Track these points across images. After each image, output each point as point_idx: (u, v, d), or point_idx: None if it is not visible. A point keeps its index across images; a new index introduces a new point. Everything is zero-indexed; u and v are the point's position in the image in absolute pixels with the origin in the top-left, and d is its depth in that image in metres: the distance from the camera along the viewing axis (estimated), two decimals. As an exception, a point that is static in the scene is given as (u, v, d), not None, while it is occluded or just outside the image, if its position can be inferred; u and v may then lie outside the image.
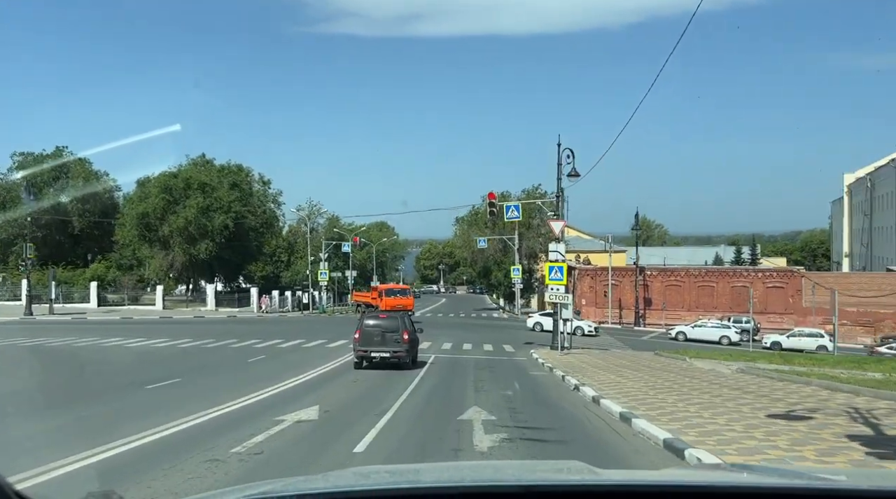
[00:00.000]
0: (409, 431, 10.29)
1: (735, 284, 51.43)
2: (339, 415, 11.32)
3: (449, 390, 15.38)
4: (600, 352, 29.84)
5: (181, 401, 12.58)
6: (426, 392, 14.78)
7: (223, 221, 58.55)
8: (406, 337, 19.40)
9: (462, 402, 13.01)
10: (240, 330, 36.67)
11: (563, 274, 28.59)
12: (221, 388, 14.91)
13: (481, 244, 58.78)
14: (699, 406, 11.64)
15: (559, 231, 28.76)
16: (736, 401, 12.33)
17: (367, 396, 14.16)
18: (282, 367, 20.28)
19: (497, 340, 34.72)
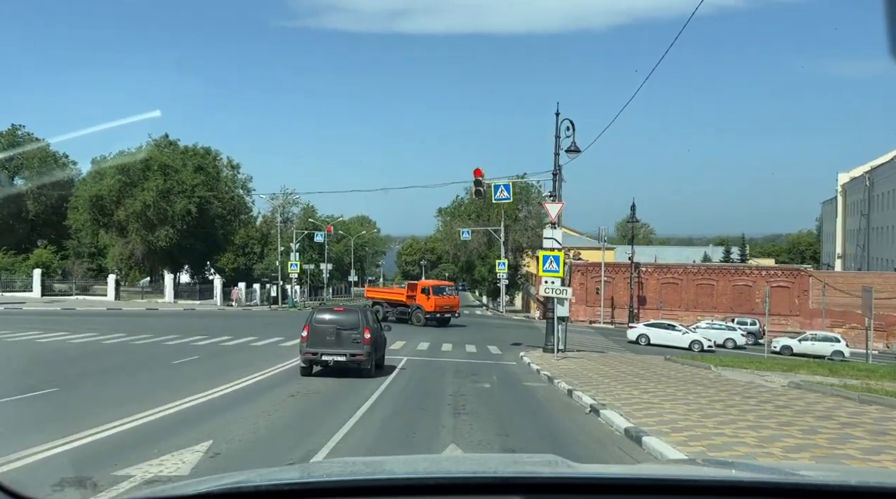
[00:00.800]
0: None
1: (737, 283, 47.82)
2: (234, 461, 7.12)
3: (418, 412, 11.23)
4: (599, 355, 25.88)
5: (19, 426, 8.40)
6: (384, 417, 10.62)
7: (185, 205, 53.87)
8: (367, 336, 15.25)
9: (433, 437, 8.88)
10: (189, 325, 32.30)
11: (560, 264, 24.57)
12: (104, 402, 10.77)
13: (465, 236, 54.64)
14: (804, 452, 7.60)
15: (556, 214, 24.73)
16: (857, 443, 8.21)
17: (299, 421, 10.00)
18: (211, 371, 16.08)
19: (481, 340, 30.65)
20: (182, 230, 54.97)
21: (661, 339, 36.48)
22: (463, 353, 24.57)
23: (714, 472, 2.35)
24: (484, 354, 24.32)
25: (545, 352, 24.55)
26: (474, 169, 25.29)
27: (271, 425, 9.49)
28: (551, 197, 25.15)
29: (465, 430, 9.38)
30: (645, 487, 1.89)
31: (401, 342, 26.93)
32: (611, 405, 11.04)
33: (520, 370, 19.28)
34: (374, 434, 9.18)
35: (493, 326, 40.40)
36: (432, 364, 19.87)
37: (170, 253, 58.16)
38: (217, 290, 55.43)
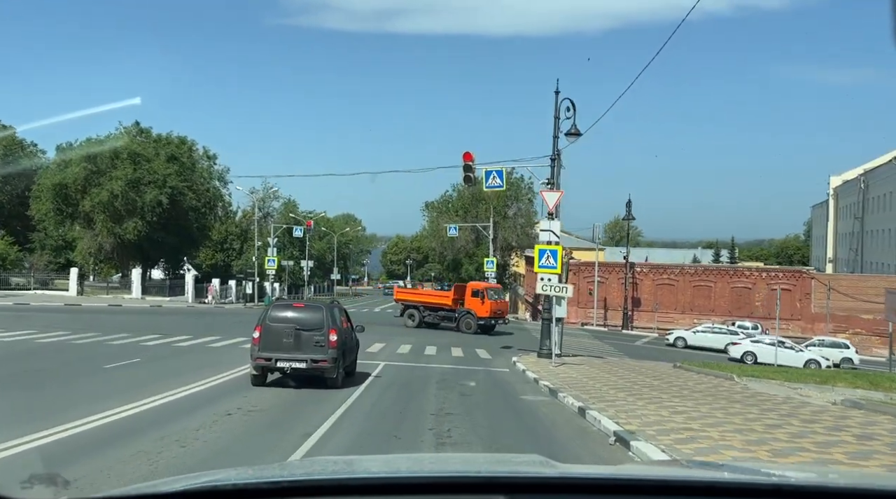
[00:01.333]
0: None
1: (736, 285, 45.54)
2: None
3: (388, 442, 8.54)
4: (601, 361, 23.37)
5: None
6: (342, 448, 7.92)
7: (156, 196, 50.72)
8: (333, 339, 12.56)
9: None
10: (148, 322, 29.45)
11: (558, 260, 22.02)
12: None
13: (452, 232, 51.97)
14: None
15: (554, 204, 22.15)
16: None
17: (221, 454, 7.29)
18: (147, 377, 13.36)
19: (469, 342, 28.04)
20: (152, 223, 51.85)
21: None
22: (449, 357, 21.94)
23: (700, 473, 2.33)
24: (472, 359, 21.71)
25: (540, 357, 22.00)
26: (464, 153, 22.67)
27: (178, 463, 6.77)
28: (549, 184, 22.58)
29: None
30: (630, 487, 1.88)
31: (379, 345, 24.29)
32: (641, 433, 8.45)
33: (514, 379, 16.67)
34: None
35: (481, 328, 37.78)
36: (414, 371, 17.22)
37: (140, 247, 55.03)
38: (189, 286, 52.41)
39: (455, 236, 54.15)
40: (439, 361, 20.11)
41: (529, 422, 10.59)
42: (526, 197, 55.95)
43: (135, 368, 15.15)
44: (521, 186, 55.88)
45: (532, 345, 29.51)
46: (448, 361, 20.40)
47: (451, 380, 15.49)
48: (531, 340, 32.14)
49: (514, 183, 55.77)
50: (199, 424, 8.94)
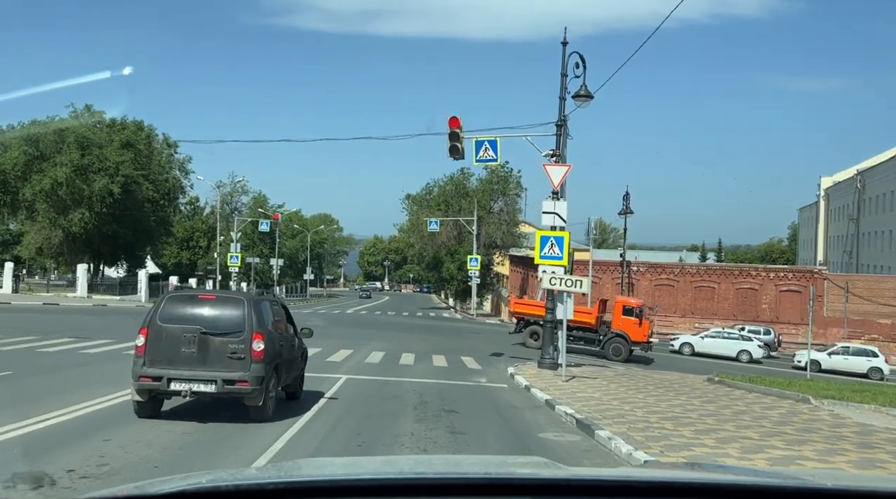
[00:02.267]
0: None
1: (741, 286, 41.95)
2: None
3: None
4: (612, 373, 19.35)
5: None
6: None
7: (105, 185, 45.86)
8: (259, 348, 8.32)
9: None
10: (77, 323, 24.98)
11: (564, 248, 18.02)
12: None
13: (432, 227, 47.77)
14: None
15: (560, 180, 18.11)
16: None
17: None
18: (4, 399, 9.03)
19: (452, 348, 23.91)
20: (102, 214, 47.00)
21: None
22: (430, 368, 17.76)
23: (712, 475, 2.30)
24: (459, 371, 17.54)
25: (542, 368, 17.93)
26: (450, 118, 18.53)
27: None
28: (553, 157, 18.53)
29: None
30: (635, 489, 1.85)
31: (345, 351, 20.07)
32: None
33: (520, 402, 12.53)
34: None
35: (466, 332, 33.68)
36: (384, 389, 13.02)
37: (89, 241, 50.15)
38: (142, 284, 47.61)
39: (436, 232, 49.99)
40: (418, 374, 15.92)
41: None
42: (513, 192, 52.02)
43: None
44: (509, 179, 51.94)
45: (526, 352, 25.48)
46: (429, 374, 16.21)
47: (435, 404, 11.31)
48: (522, 347, 28.10)
49: (503, 177, 51.82)
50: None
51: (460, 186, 52.90)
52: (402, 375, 15.65)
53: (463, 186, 52.80)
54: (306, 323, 34.44)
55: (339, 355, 19.11)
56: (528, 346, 27.23)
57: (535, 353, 25.75)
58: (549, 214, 18.16)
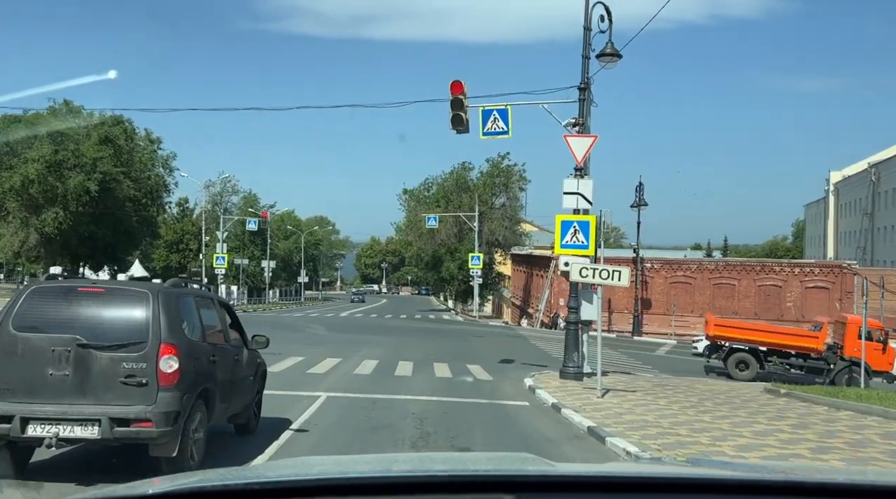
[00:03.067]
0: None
1: (763, 283, 39.02)
2: None
3: None
4: (648, 383, 16.38)
5: None
6: None
7: (81, 182, 42.89)
8: (170, 368, 5.36)
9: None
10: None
11: (590, 235, 15.20)
12: None
13: (431, 223, 44.79)
14: None
15: (584, 154, 15.19)
16: None
17: None
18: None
19: (456, 355, 20.95)
20: (77, 213, 44.01)
21: None
22: (431, 381, 14.80)
23: (705, 471, 2.30)
24: (467, 384, 14.57)
25: (565, 378, 15.02)
26: (451, 82, 15.61)
27: None
28: (576, 127, 15.59)
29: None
30: (628, 485, 1.83)
31: (332, 360, 17.15)
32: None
33: (549, 426, 9.58)
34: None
35: (468, 335, 30.70)
36: (373, 414, 10.05)
37: (66, 243, 47.16)
38: (122, 288, 44.51)
39: (435, 228, 46.98)
40: (417, 389, 12.94)
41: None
42: (516, 185, 49.03)
43: None
44: (511, 172, 48.94)
45: (538, 357, 22.53)
46: (431, 388, 13.24)
47: (441, 436, 8.35)
48: (534, 351, 25.16)
49: (505, 170, 48.84)
50: None
51: (461, 179, 50.00)
52: (398, 390, 12.67)
53: (463, 180, 49.89)
54: (295, 327, 30.74)
55: (324, 365, 16.16)
56: (736, 378, 22.31)
57: (548, 358, 22.84)
58: (571, 194, 15.24)
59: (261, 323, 31.72)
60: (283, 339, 24.00)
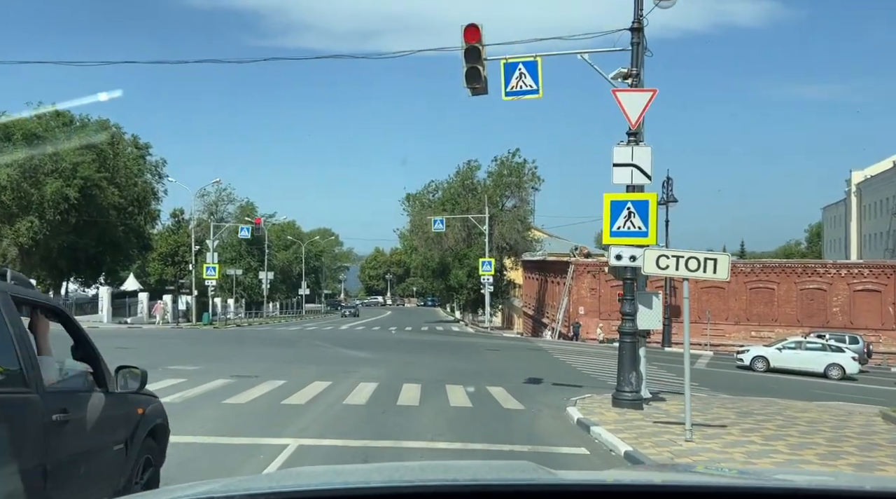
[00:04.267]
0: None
1: (806, 287, 35.37)
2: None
3: None
4: (735, 413, 12.77)
5: None
6: None
7: (59, 189, 39.65)
8: None
9: None
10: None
11: (649, 218, 11.68)
12: None
13: (437, 227, 41.26)
14: None
15: (638, 115, 11.71)
16: None
17: None
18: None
19: (472, 374, 17.42)
20: (55, 222, 40.73)
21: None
22: (445, 410, 11.27)
23: (699, 478, 2.26)
24: (491, 416, 11.00)
25: (621, 405, 11.50)
26: (465, 27, 12.17)
27: None
28: (627, 78, 12.11)
29: None
30: (632, 493, 1.85)
31: (320, 384, 13.74)
32: None
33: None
34: None
35: (482, 349, 27.10)
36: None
37: (48, 256, 43.87)
38: (103, 302, 41.21)
39: (442, 232, 43.42)
40: (429, 429, 9.36)
41: None
42: (528, 184, 45.48)
43: None
44: (522, 171, 45.39)
45: (569, 376, 18.94)
46: (447, 427, 9.66)
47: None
48: (561, 368, 21.55)
49: (516, 167, 45.32)
50: None
51: (467, 179, 46.52)
52: (402, 430, 9.12)
53: (470, 181, 46.41)
54: (286, 343, 26.34)
55: (308, 392, 12.65)
56: None
57: (580, 376, 19.24)
58: (623, 166, 11.74)
59: (248, 338, 28.39)
60: (268, 357, 20.59)
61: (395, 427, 9.47)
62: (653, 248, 10.35)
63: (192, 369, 16.22)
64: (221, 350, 22.36)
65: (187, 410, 10.27)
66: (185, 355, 19.87)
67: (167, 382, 13.55)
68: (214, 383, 13.73)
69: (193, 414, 9.89)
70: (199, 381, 13.88)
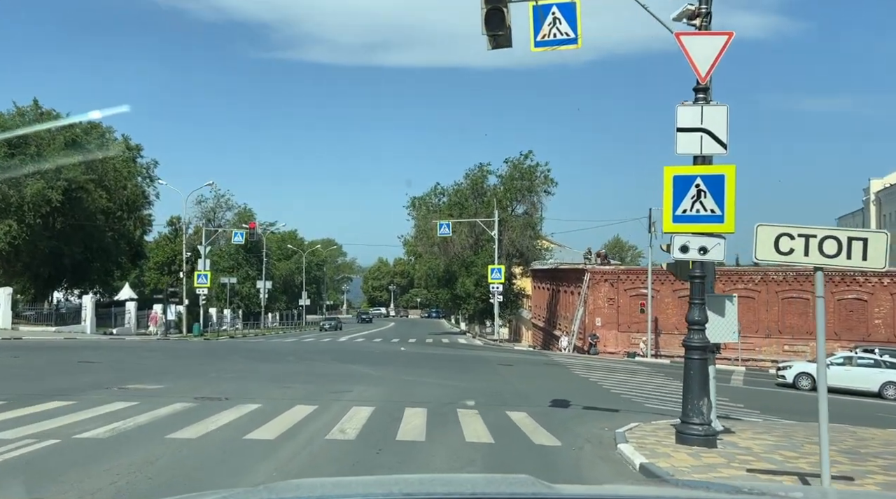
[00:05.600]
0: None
1: (844, 297, 32.61)
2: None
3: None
4: (848, 457, 9.95)
5: None
6: None
7: (40, 190, 37.18)
8: None
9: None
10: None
11: (726, 199, 8.96)
12: None
13: (443, 231, 38.54)
14: None
15: (711, 63, 9.06)
16: None
17: None
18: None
19: (487, 394, 14.78)
20: (36, 226, 38.28)
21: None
22: (460, 450, 8.55)
23: (695, 494, 2.28)
24: (520, 459, 8.28)
25: (689, 442, 8.80)
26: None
27: None
28: (694, 19, 9.47)
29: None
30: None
31: (303, 409, 11.16)
32: None
33: None
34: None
35: (494, 364, 24.33)
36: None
37: (30, 263, 41.40)
38: (87, 312, 38.62)
39: (448, 237, 40.73)
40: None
41: None
42: (541, 188, 42.82)
43: None
44: (535, 174, 42.75)
45: (598, 397, 16.20)
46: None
47: None
48: (587, 387, 18.78)
49: (528, 170, 42.72)
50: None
51: (478, 184, 43.88)
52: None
53: (481, 185, 43.76)
54: (274, 357, 23.74)
55: (284, 421, 9.98)
56: None
57: (611, 398, 16.49)
58: (689, 131, 9.10)
59: (235, 351, 25.66)
60: (250, 374, 17.86)
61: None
62: (690, 243, 7.68)
63: (151, 389, 13.56)
64: (199, 365, 19.68)
65: (111, 450, 7.59)
66: (153, 372, 17.19)
67: (111, 406, 10.89)
68: (170, 407, 11.06)
69: (114, 458, 7.20)
70: (152, 405, 11.21)
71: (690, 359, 9.16)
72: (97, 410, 10.50)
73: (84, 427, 8.90)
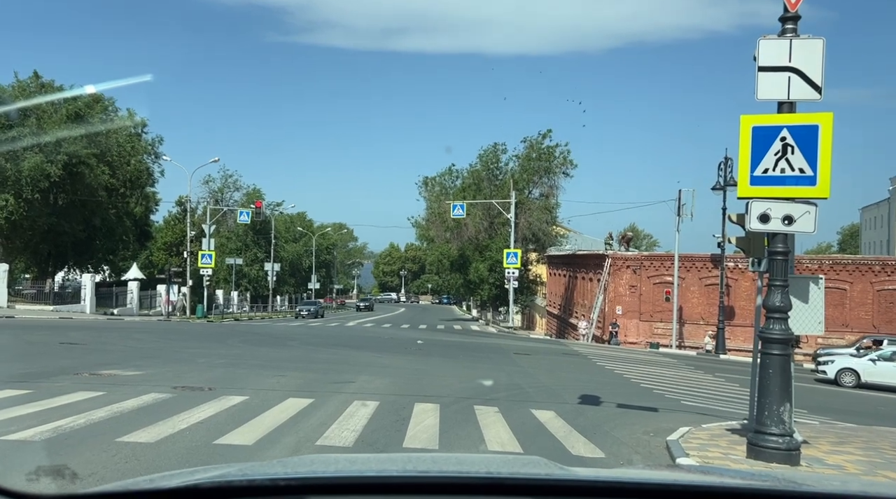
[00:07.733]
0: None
1: (884, 287, 30.58)
2: None
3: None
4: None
5: None
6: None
7: (38, 164, 35.74)
8: None
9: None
10: None
11: (819, 156, 7.05)
12: None
13: (457, 212, 36.69)
14: None
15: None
16: None
17: None
18: None
19: (508, 388, 13.16)
20: (34, 202, 36.93)
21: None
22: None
23: (710, 479, 2.21)
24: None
25: (766, 457, 7.19)
26: None
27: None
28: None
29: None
30: (644, 491, 1.81)
31: (296, 403, 9.53)
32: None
33: None
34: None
35: (511, 354, 22.61)
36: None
37: (30, 239, 40.14)
38: (86, 291, 37.29)
39: (462, 219, 38.94)
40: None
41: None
42: (559, 169, 40.89)
43: None
44: (553, 155, 40.81)
45: (630, 392, 14.43)
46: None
47: None
48: (614, 381, 17.00)
49: (546, 151, 40.81)
50: None
51: (492, 164, 42.00)
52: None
53: (496, 165, 41.87)
54: (275, 341, 21.74)
55: (270, 419, 8.35)
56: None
57: (643, 393, 14.75)
58: (773, 71, 7.28)
59: (235, 334, 23.99)
60: (244, 359, 16.25)
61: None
62: (772, 211, 5.94)
63: (127, 375, 11.97)
64: (191, 349, 18.12)
65: (35, 458, 5.94)
66: (137, 355, 15.63)
67: (70, 397, 9.29)
68: (139, 399, 9.46)
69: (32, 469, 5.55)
70: (120, 395, 9.62)
71: (769, 354, 7.39)
72: (51, 402, 8.90)
73: (21, 425, 7.28)
